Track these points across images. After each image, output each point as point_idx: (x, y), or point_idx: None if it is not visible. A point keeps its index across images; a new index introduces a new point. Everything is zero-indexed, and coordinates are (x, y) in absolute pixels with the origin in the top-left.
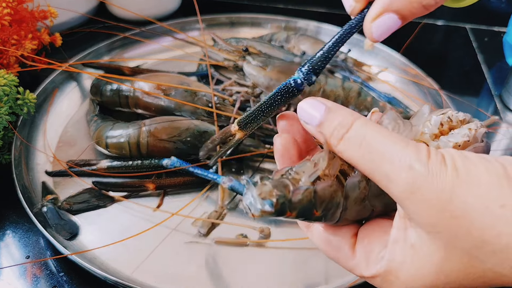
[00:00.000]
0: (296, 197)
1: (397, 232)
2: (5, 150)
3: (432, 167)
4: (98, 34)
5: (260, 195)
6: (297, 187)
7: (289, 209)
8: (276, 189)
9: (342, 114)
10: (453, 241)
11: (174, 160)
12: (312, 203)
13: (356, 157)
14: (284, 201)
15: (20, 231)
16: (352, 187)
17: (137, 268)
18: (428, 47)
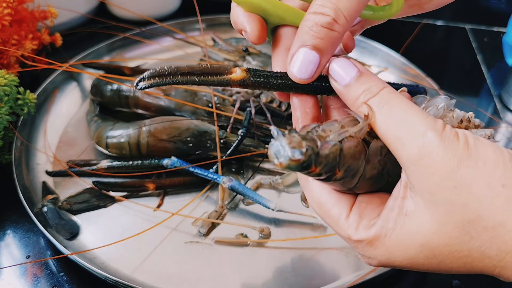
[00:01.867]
0: (323, 151)
1: (394, 200)
2: (5, 150)
3: (445, 137)
4: (98, 34)
5: (290, 143)
6: (325, 141)
7: (315, 163)
8: (305, 140)
9: (372, 80)
10: (449, 212)
11: (174, 160)
12: (337, 160)
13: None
14: (312, 154)
15: (20, 231)
16: (374, 151)
17: (137, 267)
18: (427, 47)
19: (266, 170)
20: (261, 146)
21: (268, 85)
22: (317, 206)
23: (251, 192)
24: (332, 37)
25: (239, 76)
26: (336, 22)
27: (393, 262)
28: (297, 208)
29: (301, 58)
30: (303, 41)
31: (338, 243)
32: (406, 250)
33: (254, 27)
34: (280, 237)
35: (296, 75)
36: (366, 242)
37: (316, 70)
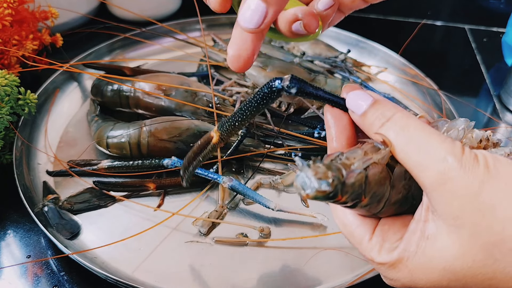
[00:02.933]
0: (349, 180)
1: (416, 223)
2: (6, 150)
3: (465, 161)
4: (99, 34)
5: (316, 175)
6: (350, 170)
7: (341, 192)
8: (330, 171)
9: (386, 106)
10: (473, 235)
11: (174, 160)
12: (362, 188)
13: (393, 145)
14: (338, 184)
15: (21, 231)
16: (399, 176)
17: (138, 267)
18: (427, 47)
19: (266, 170)
20: (261, 146)
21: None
22: (342, 226)
23: (251, 192)
24: None
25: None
26: None
27: (416, 285)
28: (297, 208)
29: (249, 8)
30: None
31: (338, 243)
32: (429, 273)
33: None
34: (280, 236)
35: (244, 25)
36: (388, 265)
37: (263, 19)
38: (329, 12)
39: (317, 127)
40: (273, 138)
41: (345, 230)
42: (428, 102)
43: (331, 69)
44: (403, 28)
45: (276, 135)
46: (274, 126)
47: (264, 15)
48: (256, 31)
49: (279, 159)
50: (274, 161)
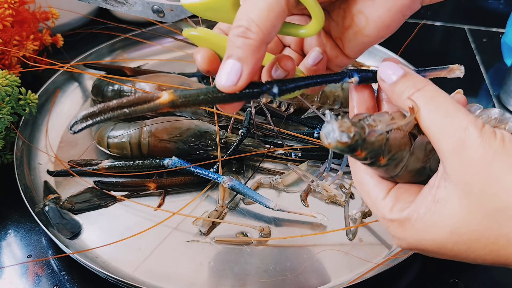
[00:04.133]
0: (370, 138)
1: (429, 189)
2: (7, 150)
3: (484, 133)
4: (99, 35)
5: (340, 127)
6: (373, 129)
7: (361, 148)
8: (355, 126)
9: (418, 78)
10: (479, 201)
11: (175, 160)
12: (382, 148)
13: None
14: (359, 139)
15: (22, 231)
16: (420, 145)
17: (138, 267)
18: (426, 47)
19: (266, 170)
20: (261, 146)
21: (198, 100)
22: (359, 185)
23: (251, 192)
24: (249, 44)
25: (167, 99)
26: (249, 30)
27: (422, 246)
28: (297, 208)
29: (225, 69)
30: (227, 54)
31: (338, 242)
32: (435, 235)
33: (203, 56)
34: (280, 236)
35: (220, 84)
36: (397, 223)
37: (239, 77)
38: (319, 66)
39: (317, 127)
40: (273, 138)
41: (361, 189)
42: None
43: None
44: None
45: (276, 135)
46: (274, 126)
47: (239, 73)
48: (233, 90)
49: (279, 159)
50: (274, 161)
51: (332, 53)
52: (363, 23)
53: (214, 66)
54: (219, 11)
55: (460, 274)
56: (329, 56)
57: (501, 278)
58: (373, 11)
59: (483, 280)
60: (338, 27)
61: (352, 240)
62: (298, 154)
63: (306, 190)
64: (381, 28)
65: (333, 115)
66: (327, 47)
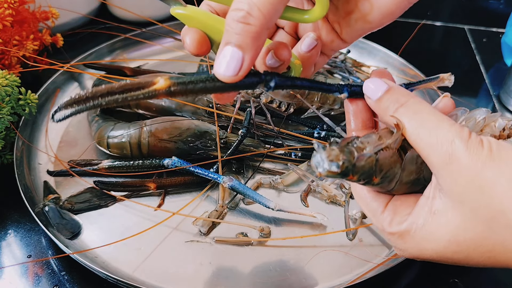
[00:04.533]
0: (359, 163)
1: (425, 200)
2: (7, 150)
3: (470, 145)
4: (99, 35)
5: (329, 157)
6: (361, 154)
7: (352, 172)
8: (342, 154)
9: (400, 92)
10: (474, 210)
11: (175, 160)
12: (373, 169)
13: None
14: (348, 165)
15: (22, 231)
16: (410, 160)
17: (138, 267)
18: (426, 48)
19: (266, 170)
20: (261, 146)
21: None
22: (358, 199)
23: (251, 192)
24: (250, 31)
25: (163, 85)
26: (250, 15)
27: (423, 255)
28: (297, 208)
29: (225, 57)
30: (225, 40)
31: (338, 242)
32: (435, 244)
33: (192, 38)
34: (280, 236)
35: (221, 73)
36: (398, 235)
37: (240, 67)
38: (313, 53)
39: (317, 127)
40: (273, 138)
41: (361, 202)
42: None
43: (330, 69)
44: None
45: (276, 135)
46: (274, 126)
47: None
48: (234, 79)
49: (279, 159)
50: (274, 161)
51: (328, 37)
52: (367, 9)
53: (203, 49)
54: None
55: (460, 274)
56: (324, 41)
57: (501, 278)
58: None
59: (483, 280)
60: (338, 11)
61: (352, 240)
62: (298, 154)
63: (306, 190)
64: (386, 15)
65: (320, 144)
66: (323, 31)
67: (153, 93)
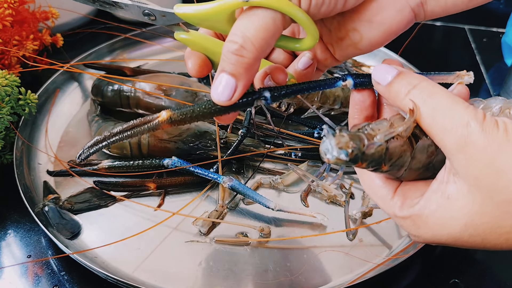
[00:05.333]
0: (369, 151)
1: (438, 184)
2: (6, 150)
3: (486, 126)
4: (99, 34)
5: (338, 144)
6: (371, 142)
7: (361, 160)
8: (352, 141)
9: (412, 75)
10: (490, 194)
11: (175, 160)
12: (382, 158)
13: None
14: (358, 153)
15: (21, 231)
16: (421, 149)
17: (138, 267)
18: (426, 47)
19: (266, 170)
20: (261, 146)
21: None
22: (367, 188)
23: (251, 192)
24: (243, 62)
25: (165, 117)
26: (243, 48)
27: (438, 240)
28: (297, 207)
29: (219, 83)
30: (221, 67)
31: (338, 242)
32: (450, 229)
33: (194, 62)
34: (280, 236)
35: (216, 99)
36: (410, 220)
37: (233, 93)
38: (309, 70)
39: (317, 127)
40: (273, 138)
41: (369, 191)
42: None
43: (330, 69)
44: None
45: (276, 135)
46: (274, 126)
47: (234, 89)
48: (228, 104)
49: (279, 159)
50: (274, 161)
51: (322, 56)
52: (357, 39)
53: (204, 72)
54: (213, 22)
55: (460, 274)
56: (319, 58)
57: (501, 278)
58: (368, 31)
59: (483, 281)
60: (330, 35)
61: (352, 241)
62: (298, 154)
63: (306, 190)
64: (375, 45)
65: (330, 130)
66: (318, 51)
67: (158, 125)
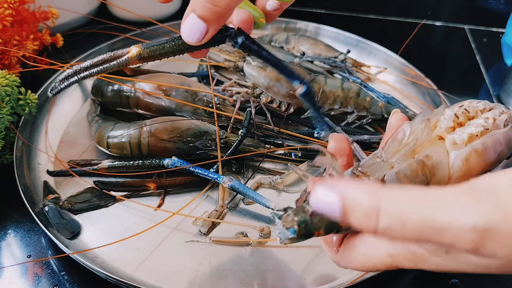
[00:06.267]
0: (315, 218)
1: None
2: (7, 150)
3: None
4: (99, 34)
5: (285, 225)
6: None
7: (314, 229)
8: (297, 216)
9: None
10: None
11: (175, 160)
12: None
13: (407, 237)
14: (307, 224)
15: (21, 231)
16: None
17: (138, 267)
18: (426, 47)
19: (266, 170)
20: (261, 146)
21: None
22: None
23: (251, 192)
24: (216, 11)
25: (135, 53)
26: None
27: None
28: None
29: (190, 24)
30: (193, 8)
31: None
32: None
33: None
34: None
35: (186, 39)
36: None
37: (204, 36)
38: (276, 12)
39: (317, 127)
40: (273, 138)
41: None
42: (427, 102)
43: (331, 69)
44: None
45: (276, 135)
46: (274, 126)
47: (204, 32)
48: (198, 44)
49: (279, 159)
50: (274, 161)
51: None
52: None
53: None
54: None
55: (460, 275)
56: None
57: (501, 279)
58: None
59: (483, 281)
60: None
61: None
62: (298, 154)
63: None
64: None
65: (277, 214)
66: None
67: (127, 60)
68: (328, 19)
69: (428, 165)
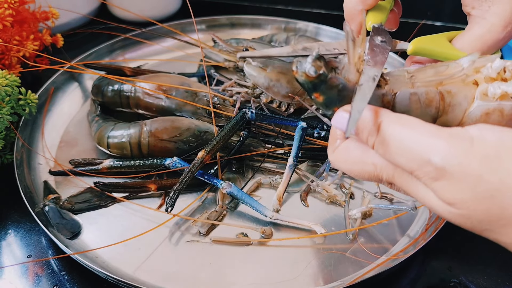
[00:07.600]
0: (331, 83)
1: None
2: (7, 150)
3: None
4: (99, 35)
5: (313, 64)
6: (336, 76)
7: (320, 88)
8: (325, 67)
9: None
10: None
11: (176, 160)
12: (336, 98)
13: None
14: (322, 79)
15: (22, 231)
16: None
17: (138, 267)
18: None
19: (266, 170)
20: (261, 146)
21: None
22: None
23: (250, 199)
24: None
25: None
26: None
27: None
28: (296, 207)
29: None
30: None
31: (338, 243)
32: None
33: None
34: (280, 237)
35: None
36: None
37: None
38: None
39: (317, 127)
40: (273, 138)
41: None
42: None
43: None
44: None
45: (276, 135)
46: (274, 126)
47: None
48: None
49: (279, 159)
50: (274, 161)
51: None
52: None
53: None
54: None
55: (459, 274)
56: None
57: (501, 279)
58: None
59: (483, 282)
60: None
61: (352, 241)
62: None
63: (306, 190)
64: None
65: (317, 51)
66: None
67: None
68: (328, 19)
69: (446, 100)
